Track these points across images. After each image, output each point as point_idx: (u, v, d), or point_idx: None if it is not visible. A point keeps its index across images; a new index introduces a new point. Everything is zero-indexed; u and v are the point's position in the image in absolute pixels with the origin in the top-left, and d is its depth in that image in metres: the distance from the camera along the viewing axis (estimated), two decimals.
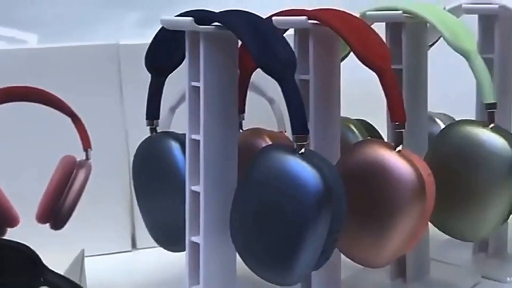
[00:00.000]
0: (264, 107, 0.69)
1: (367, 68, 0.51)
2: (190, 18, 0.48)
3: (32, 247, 0.50)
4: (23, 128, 0.69)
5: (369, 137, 0.63)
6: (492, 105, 0.55)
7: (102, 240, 0.72)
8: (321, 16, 0.52)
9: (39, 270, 0.50)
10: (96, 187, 0.61)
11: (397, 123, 0.50)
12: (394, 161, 0.50)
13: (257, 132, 0.60)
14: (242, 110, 0.61)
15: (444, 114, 0.69)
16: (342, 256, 0.55)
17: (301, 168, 0.46)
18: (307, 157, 0.46)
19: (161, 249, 0.59)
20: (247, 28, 0.47)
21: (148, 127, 0.58)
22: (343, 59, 0.59)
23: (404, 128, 0.50)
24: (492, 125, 0.55)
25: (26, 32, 0.89)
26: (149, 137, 0.58)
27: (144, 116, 0.58)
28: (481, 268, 0.66)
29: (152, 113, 0.57)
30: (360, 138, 0.63)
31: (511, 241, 0.69)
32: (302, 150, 0.46)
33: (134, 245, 0.75)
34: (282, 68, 0.47)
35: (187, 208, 0.52)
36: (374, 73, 0.51)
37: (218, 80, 0.50)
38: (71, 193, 0.56)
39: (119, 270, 0.70)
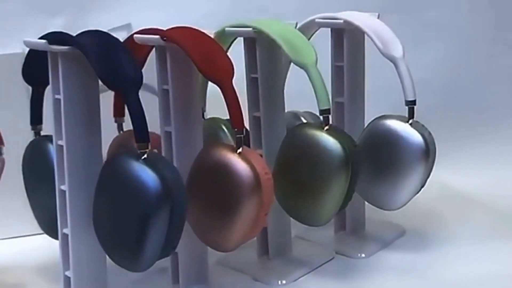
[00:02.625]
0: None
1: None
2: (44, 40, 0.47)
3: None
4: None
5: None
6: (326, 111, 0.54)
7: (15, 223, 0.69)
8: (170, 34, 0.51)
9: None
10: (9, 177, 0.58)
11: (236, 129, 0.50)
12: (235, 162, 0.50)
13: (132, 133, 0.59)
14: (121, 114, 0.60)
15: (310, 113, 0.68)
16: None
17: (142, 171, 0.46)
18: (149, 161, 0.46)
19: None
20: (96, 49, 0.46)
21: (33, 131, 0.56)
22: None
23: (243, 134, 0.50)
24: (327, 127, 0.55)
25: None
26: (32, 140, 0.57)
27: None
28: (338, 245, 0.65)
29: (35, 119, 0.56)
30: (229, 137, 0.62)
31: (368, 221, 0.69)
32: (145, 156, 0.46)
33: None
34: (124, 84, 0.46)
35: (57, 204, 0.51)
36: None
37: (77, 92, 0.49)
38: None
39: (28, 251, 0.67)
